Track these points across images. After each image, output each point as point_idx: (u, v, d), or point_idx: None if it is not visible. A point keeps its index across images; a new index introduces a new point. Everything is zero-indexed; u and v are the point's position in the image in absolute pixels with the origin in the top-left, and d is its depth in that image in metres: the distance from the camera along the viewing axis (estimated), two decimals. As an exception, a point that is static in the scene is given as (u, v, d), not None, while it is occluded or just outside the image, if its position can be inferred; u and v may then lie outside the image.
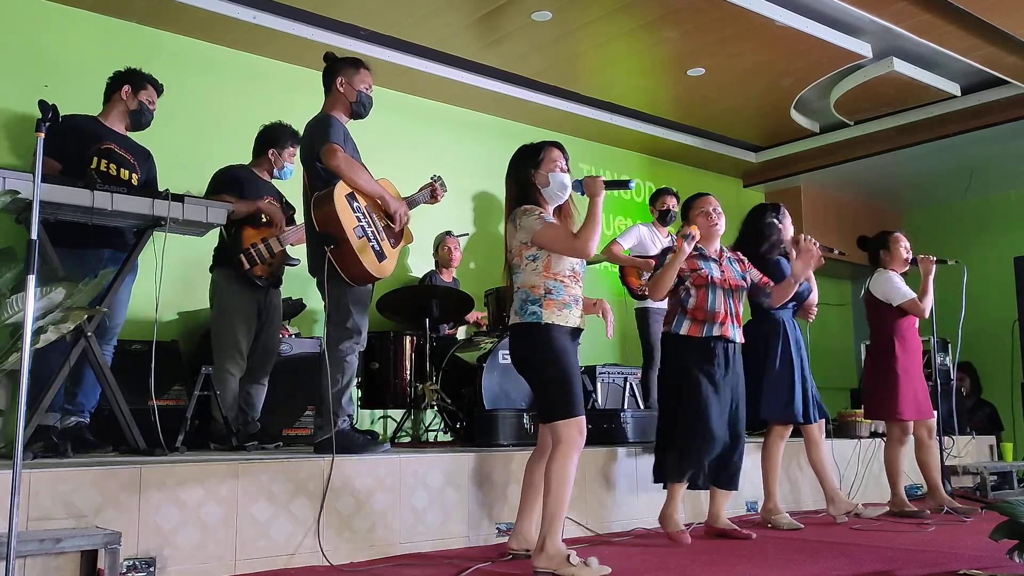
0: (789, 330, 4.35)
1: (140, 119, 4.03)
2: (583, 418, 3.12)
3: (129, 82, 4.00)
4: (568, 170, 3.28)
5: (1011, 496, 5.59)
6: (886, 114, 7.04)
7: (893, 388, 4.71)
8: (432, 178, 4.13)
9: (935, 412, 4.89)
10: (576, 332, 3.24)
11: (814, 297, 4.48)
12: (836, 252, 4.48)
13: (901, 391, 4.69)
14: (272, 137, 4.54)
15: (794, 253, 4.25)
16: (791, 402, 4.25)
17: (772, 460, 4.37)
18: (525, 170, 3.24)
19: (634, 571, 3.12)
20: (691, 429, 3.72)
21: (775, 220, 4.42)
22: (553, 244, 3.13)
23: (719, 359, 3.79)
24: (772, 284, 4.05)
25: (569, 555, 2.98)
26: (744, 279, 3.96)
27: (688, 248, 3.70)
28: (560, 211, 3.30)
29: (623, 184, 3.29)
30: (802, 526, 4.23)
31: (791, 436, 4.45)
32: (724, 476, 3.91)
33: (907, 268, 4.88)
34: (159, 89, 4.09)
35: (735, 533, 3.86)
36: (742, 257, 4.09)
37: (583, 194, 3.25)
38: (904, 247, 4.87)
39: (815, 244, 3.97)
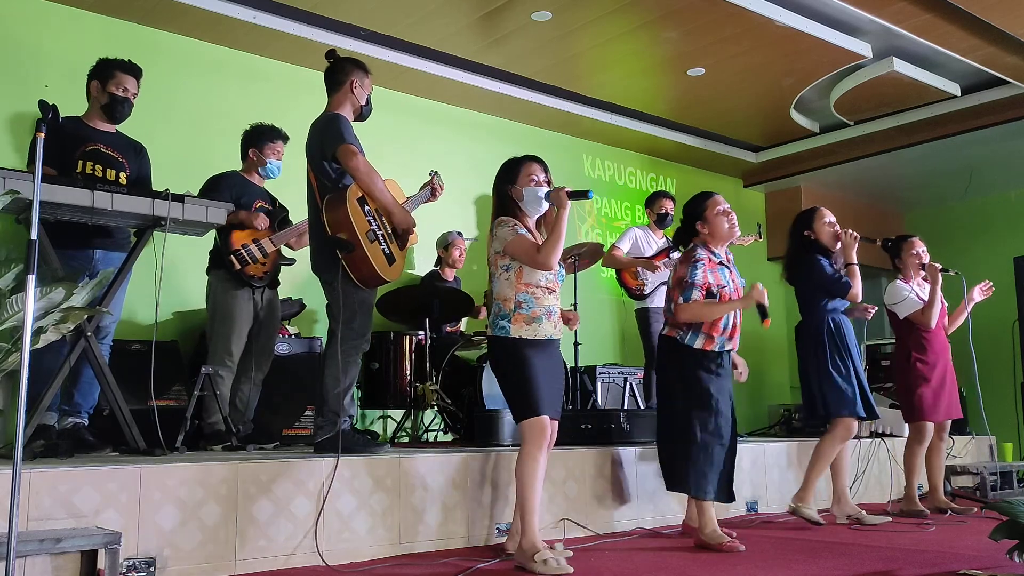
0: (842, 328, 4.33)
1: (114, 111, 3.88)
2: (545, 418, 3.20)
3: (96, 76, 3.89)
4: (548, 182, 3.38)
5: (1011, 496, 5.59)
6: (886, 114, 7.04)
7: (915, 392, 4.76)
8: (430, 174, 4.12)
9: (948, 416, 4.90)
10: (548, 343, 3.31)
11: (855, 294, 4.35)
12: (878, 242, 4.84)
13: (921, 395, 4.74)
14: (249, 138, 4.53)
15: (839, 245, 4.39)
16: (854, 397, 4.24)
17: (824, 456, 4.31)
18: (504, 184, 3.41)
19: (634, 571, 3.12)
20: (707, 442, 3.68)
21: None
22: (518, 255, 3.27)
23: (725, 369, 3.79)
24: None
25: (536, 552, 3.06)
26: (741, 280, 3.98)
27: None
28: (543, 222, 3.40)
29: (583, 194, 3.32)
30: (824, 522, 4.27)
31: (792, 436, 4.43)
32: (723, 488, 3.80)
33: (921, 274, 4.89)
34: (133, 72, 3.90)
35: (721, 547, 3.61)
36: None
37: (553, 206, 3.30)
38: (915, 253, 4.88)
39: (855, 237, 4.32)
